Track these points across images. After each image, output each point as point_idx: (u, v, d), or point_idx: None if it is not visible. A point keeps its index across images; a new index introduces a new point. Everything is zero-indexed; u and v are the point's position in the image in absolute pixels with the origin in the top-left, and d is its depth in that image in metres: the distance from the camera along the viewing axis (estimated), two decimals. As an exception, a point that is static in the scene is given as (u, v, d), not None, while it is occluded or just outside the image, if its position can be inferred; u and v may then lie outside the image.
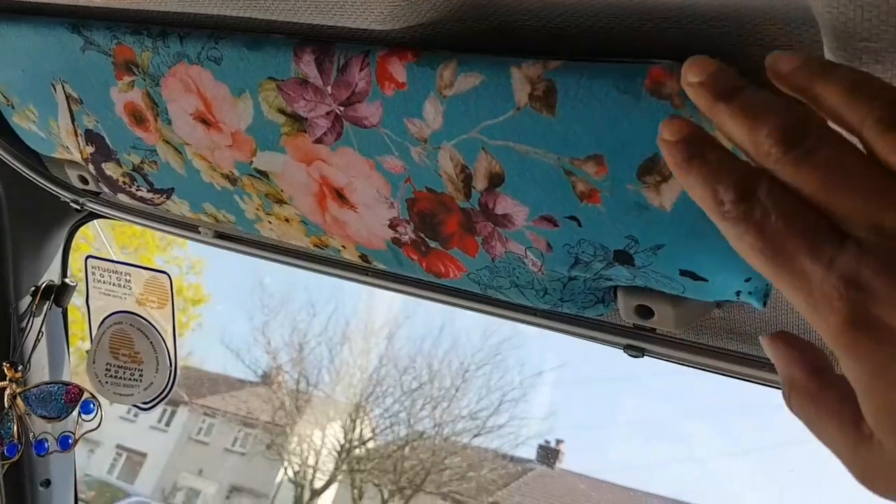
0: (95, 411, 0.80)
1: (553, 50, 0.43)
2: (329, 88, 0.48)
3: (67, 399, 0.80)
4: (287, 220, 0.62)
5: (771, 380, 0.52)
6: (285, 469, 11.09)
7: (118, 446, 11.85)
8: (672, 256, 0.44)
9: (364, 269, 0.68)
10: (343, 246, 0.62)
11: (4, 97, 0.72)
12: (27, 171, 0.81)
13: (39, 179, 0.81)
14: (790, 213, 0.26)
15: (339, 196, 0.56)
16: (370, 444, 10.86)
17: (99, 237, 0.96)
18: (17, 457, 0.81)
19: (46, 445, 0.80)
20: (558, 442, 12.25)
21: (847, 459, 0.27)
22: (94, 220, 0.92)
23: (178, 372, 0.89)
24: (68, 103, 0.66)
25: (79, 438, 0.80)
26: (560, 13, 0.41)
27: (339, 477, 10.66)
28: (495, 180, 0.46)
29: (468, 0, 0.43)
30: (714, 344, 0.53)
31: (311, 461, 10.78)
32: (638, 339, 0.55)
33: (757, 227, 0.27)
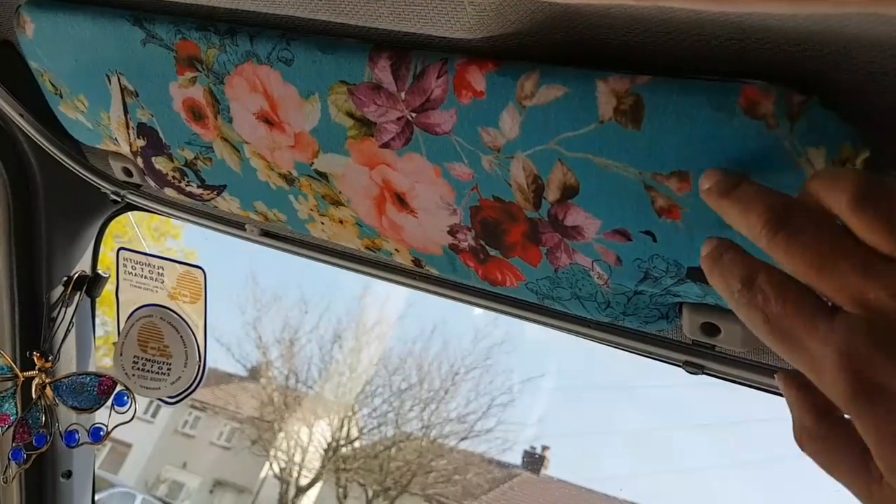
0: (129, 404, 0.79)
1: (637, 66, 0.44)
2: (403, 94, 0.49)
3: (100, 391, 0.80)
4: (341, 222, 0.63)
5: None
6: (270, 465, 11.06)
7: (103, 436, 11.78)
8: None
9: (413, 273, 0.68)
10: (396, 249, 0.62)
11: (53, 86, 0.72)
12: (68, 161, 0.81)
13: (80, 169, 0.81)
14: (786, 294, 0.31)
15: (400, 201, 0.56)
16: (357, 444, 10.84)
17: (129, 228, 0.96)
18: (45, 447, 0.81)
19: (77, 437, 0.80)
20: (544, 448, 12.26)
21: (864, 499, 0.30)
22: (128, 213, 0.92)
23: (207, 367, 0.90)
24: (123, 95, 0.66)
25: (111, 431, 0.80)
26: (645, 29, 0.42)
27: (325, 475, 10.64)
28: (569, 192, 0.47)
29: (554, 12, 0.43)
30: (775, 363, 0.54)
31: (297, 458, 10.75)
32: (697, 356, 0.55)
33: (761, 311, 0.31)
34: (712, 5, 0.30)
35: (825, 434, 0.32)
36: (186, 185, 0.70)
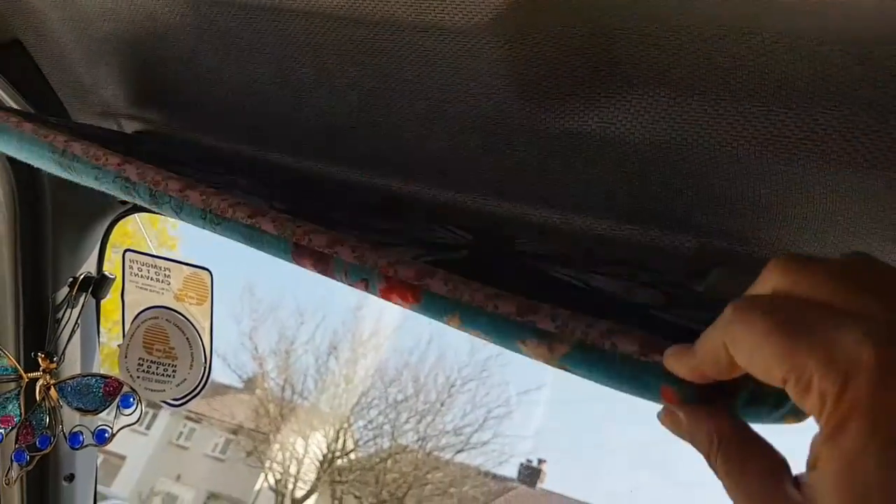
0: (135, 405, 0.79)
1: (650, 69, 0.43)
2: None
3: (105, 392, 0.79)
4: None
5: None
6: (265, 476, 10.99)
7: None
8: None
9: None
10: None
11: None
12: (75, 161, 0.80)
13: (88, 170, 0.81)
14: (807, 301, 0.27)
15: None
16: (352, 456, 10.79)
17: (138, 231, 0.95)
18: (49, 449, 0.80)
19: (82, 439, 0.79)
20: (540, 462, 12.22)
21: None
22: (135, 214, 0.91)
23: (212, 369, 0.89)
24: None
25: (116, 432, 0.79)
26: (661, 23, 0.41)
27: (320, 487, 10.58)
28: None
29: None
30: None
31: (292, 470, 10.69)
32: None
33: (773, 309, 0.27)
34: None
35: (751, 442, 0.30)
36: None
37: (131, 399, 0.79)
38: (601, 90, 0.46)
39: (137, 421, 0.79)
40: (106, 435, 0.80)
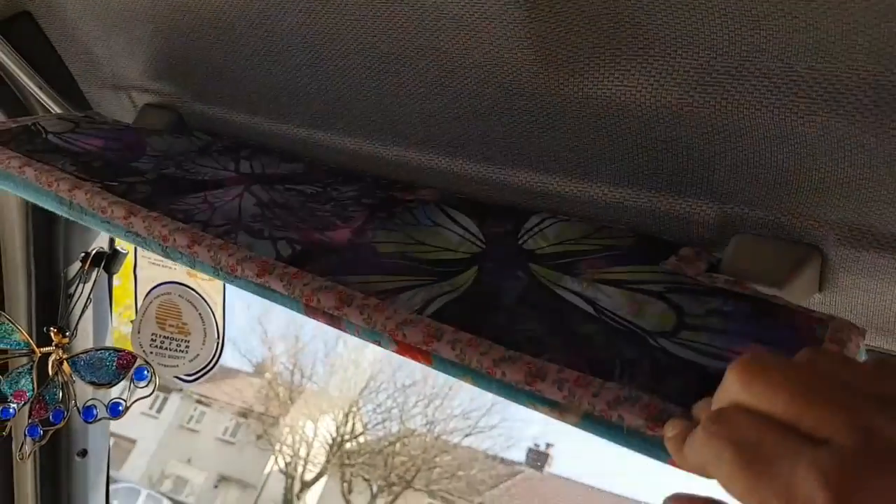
0: (149, 378, 0.79)
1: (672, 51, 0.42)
2: None
3: (119, 365, 0.79)
4: None
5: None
6: (275, 459, 11.06)
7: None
8: None
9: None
10: None
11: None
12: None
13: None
14: (762, 425, 0.28)
15: None
16: (361, 439, 10.85)
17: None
18: (62, 423, 0.80)
19: (95, 412, 0.79)
20: (548, 446, 12.25)
21: None
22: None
23: (225, 345, 0.89)
24: None
25: (130, 405, 0.79)
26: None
27: (329, 470, 10.65)
28: None
29: None
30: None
31: (301, 453, 10.76)
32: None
33: (730, 440, 0.28)
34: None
35: None
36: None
37: (145, 372, 0.79)
38: (621, 53, 0.45)
39: (152, 394, 0.79)
40: (120, 408, 0.80)
